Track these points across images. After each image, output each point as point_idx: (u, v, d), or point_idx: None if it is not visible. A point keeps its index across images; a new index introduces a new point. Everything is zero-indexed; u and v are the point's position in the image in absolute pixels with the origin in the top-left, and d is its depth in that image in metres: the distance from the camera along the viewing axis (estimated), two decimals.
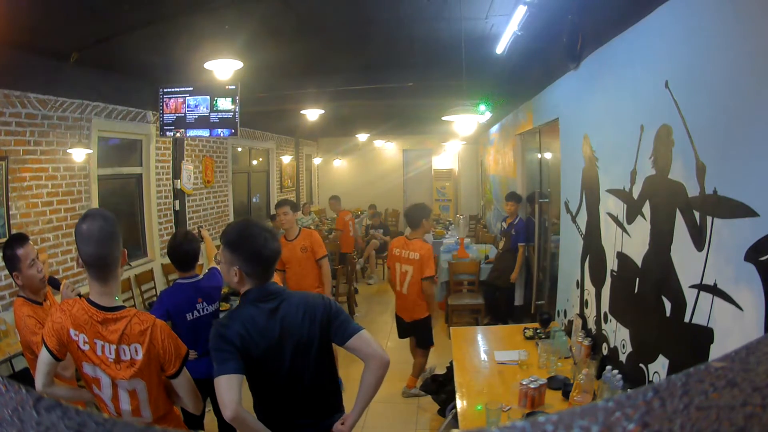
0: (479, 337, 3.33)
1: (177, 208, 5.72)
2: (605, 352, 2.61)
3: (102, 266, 1.48)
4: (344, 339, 1.59)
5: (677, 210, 1.83)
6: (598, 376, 2.34)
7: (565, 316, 3.40)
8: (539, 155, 4.78)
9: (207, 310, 2.60)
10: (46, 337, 1.52)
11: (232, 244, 1.56)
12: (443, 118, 4.18)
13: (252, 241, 1.55)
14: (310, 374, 1.60)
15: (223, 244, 1.59)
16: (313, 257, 3.70)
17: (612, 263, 2.54)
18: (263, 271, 1.57)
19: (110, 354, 1.48)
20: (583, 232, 3.00)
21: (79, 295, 1.88)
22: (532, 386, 2.27)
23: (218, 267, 2.63)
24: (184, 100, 4.60)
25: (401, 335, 3.93)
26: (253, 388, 1.61)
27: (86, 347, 1.48)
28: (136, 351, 1.49)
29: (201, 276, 2.71)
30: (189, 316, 2.54)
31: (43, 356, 1.53)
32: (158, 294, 3.65)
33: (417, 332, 3.74)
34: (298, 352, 1.56)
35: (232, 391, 1.41)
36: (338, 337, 1.60)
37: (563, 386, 2.41)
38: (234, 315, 1.56)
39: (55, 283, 2.27)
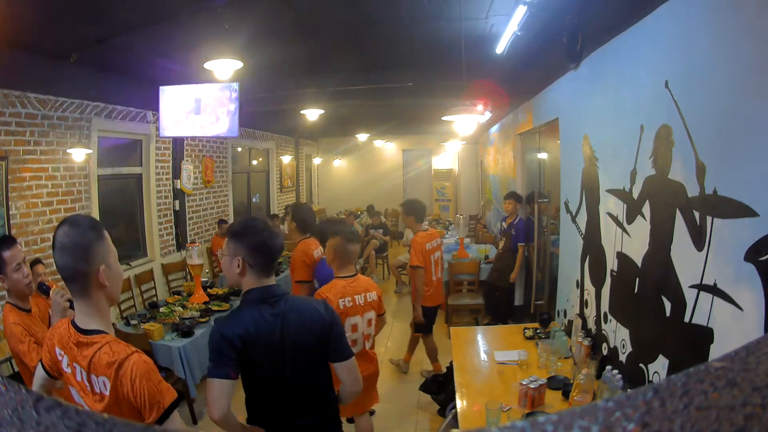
0: (479, 337, 3.33)
1: (177, 208, 5.73)
2: (605, 352, 2.61)
3: (67, 279, 1.28)
4: (334, 359, 1.66)
5: (677, 210, 1.84)
6: (598, 376, 2.34)
7: (565, 316, 3.40)
8: (539, 155, 4.78)
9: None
10: (43, 352, 1.42)
11: (237, 234, 1.58)
12: (443, 118, 4.18)
13: (257, 233, 1.56)
14: (307, 378, 1.61)
15: (228, 236, 1.61)
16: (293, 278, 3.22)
17: (612, 263, 2.54)
18: (266, 263, 1.57)
19: (86, 382, 1.28)
20: (583, 232, 3.00)
21: (70, 301, 1.77)
22: (532, 386, 2.27)
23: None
24: (184, 100, 4.60)
25: (430, 329, 3.98)
26: (249, 389, 1.61)
27: (68, 370, 1.32)
28: (105, 385, 1.24)
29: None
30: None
31: (38, 371, 1.43)
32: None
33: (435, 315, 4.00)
34: (297, 356, 1.57)
35: (223, 396, 1.46)
36: (330, 355, 1.65)
37: (563, 386, 2.41)
38: (235, 315, 1.56)
39: (45, 290, 2.15)
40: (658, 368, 2.02)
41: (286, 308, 1.57)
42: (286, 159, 9.84)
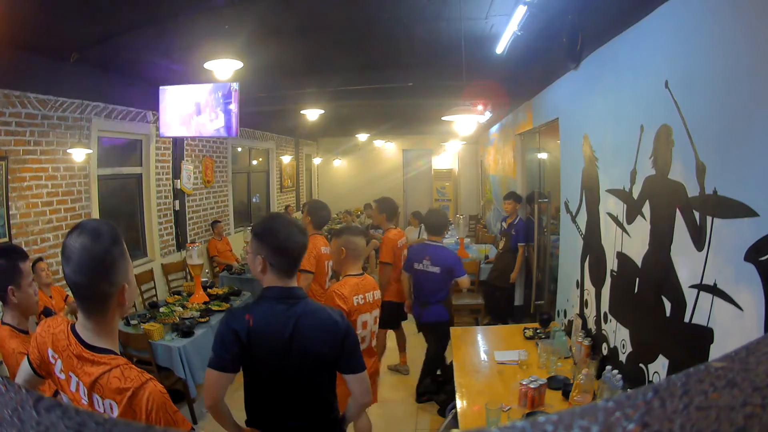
0: (479, 337, 3.33)
1: (177, 208, 5.73)
2: (605, 352, 2.61)
3: (81, 297, 1.15)
4: (346, 371, 1.66)
5: (677, 210, 1.84)
6: (598, 376, 2.34)
7: (565, 316, 3.40)
8: (539, 155, 4.78)
9: (429, 268, 3.50)
10: (30, 349, 1.29)
11: (259, 234, 1.61)
12: (443, 118, 4.18)
13: (278, 233, 1.58)
14: (311, 381, 1.60)
15: (251, 234, 1.64)
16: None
17: (612, 263, 2.54)
18: (286, 262, 1.58)
19: (84, 396, 1.17)
20: (583, 232, 3.00)
21: None
22: (532, 386, 2.27)
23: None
24: (184, 100, 4.60)
25: (398, 324, 4.15)
26: (249, 383, 1.60)
27: (62, 376, 1.20)
28: (111, 408, 1.14)
29: (441, 245, 3.63)
30: (417, 266, 3.55)
31: (24, 366, 1.30)
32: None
33: None
34: (305, 359, 1.56)
35: (219, 387, 1.50)
36: (342, 366, 1.65)
37: (563, 386, 2.41)
38: (249, 308, 1.58)
39: (50, 315, 2.06)
40: (658, 368, 2.02)
41: (303, 311, 1.57)
42: (286, 159, 9.84)
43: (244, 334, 1.49)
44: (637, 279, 2.24)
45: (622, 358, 2.38)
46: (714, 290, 1.61)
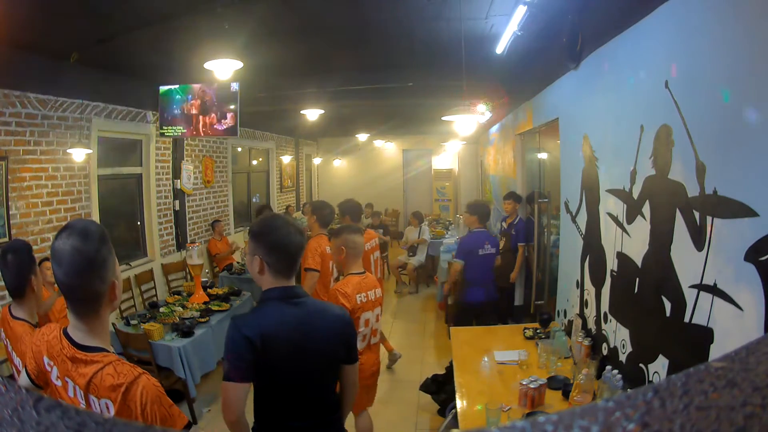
0: (479, 337, 3.33)
1: (177, 208, 5.73)
2: (605, 352, 2.61)
3: (75, 299, 1.15)
4: (347, 361, 1.70)
5: (677, 210, 1.83)
6: (598, 376, 2.34)
7: (565, 316, 3.40)
8: (539, 155, 4.78)
9: (490, 250, 3.93)
10: (27, 360, 1.30)
11: (255, 234, 1.59)
12: (443, 118, 4.18)
13: (274, 232, 1.55)
14: (321, 380, 1.62)
15: (249, 235, 1.63)
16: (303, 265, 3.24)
17: (612, 263, 2.54)
18: (282, 262, 1.55)
19: (81, 400, 1.15)
20: (583, 232, 3.00)
21: None
22: (532, 386, 2.27)
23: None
24: (184, 100, 4.60)
25: None
26: (260, 387, 1.57)
27: (59, 383, 1.19)
28: (107, 407, 1.12)
29: (486, 230, 4.05)
30: (481, 251, 3.89)
31: (23, 377, 1.30)
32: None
33: None
34: (317, 358, 1.57)
35: (240, 400, 1.47)
36: (345, 357, 1.69)
37: (563, 386, 2.41)
38: (256, 313, 1.55)
39: None
40: (658, 368, 2.02)
41: (310, 310, 1.57)
42: (286, 159, 9.84)
43: (259, 340, 1.45)
44: (637, 279, 2.24)
45: (622, 358, 2.38)
46: (714, 290, 1.61)
